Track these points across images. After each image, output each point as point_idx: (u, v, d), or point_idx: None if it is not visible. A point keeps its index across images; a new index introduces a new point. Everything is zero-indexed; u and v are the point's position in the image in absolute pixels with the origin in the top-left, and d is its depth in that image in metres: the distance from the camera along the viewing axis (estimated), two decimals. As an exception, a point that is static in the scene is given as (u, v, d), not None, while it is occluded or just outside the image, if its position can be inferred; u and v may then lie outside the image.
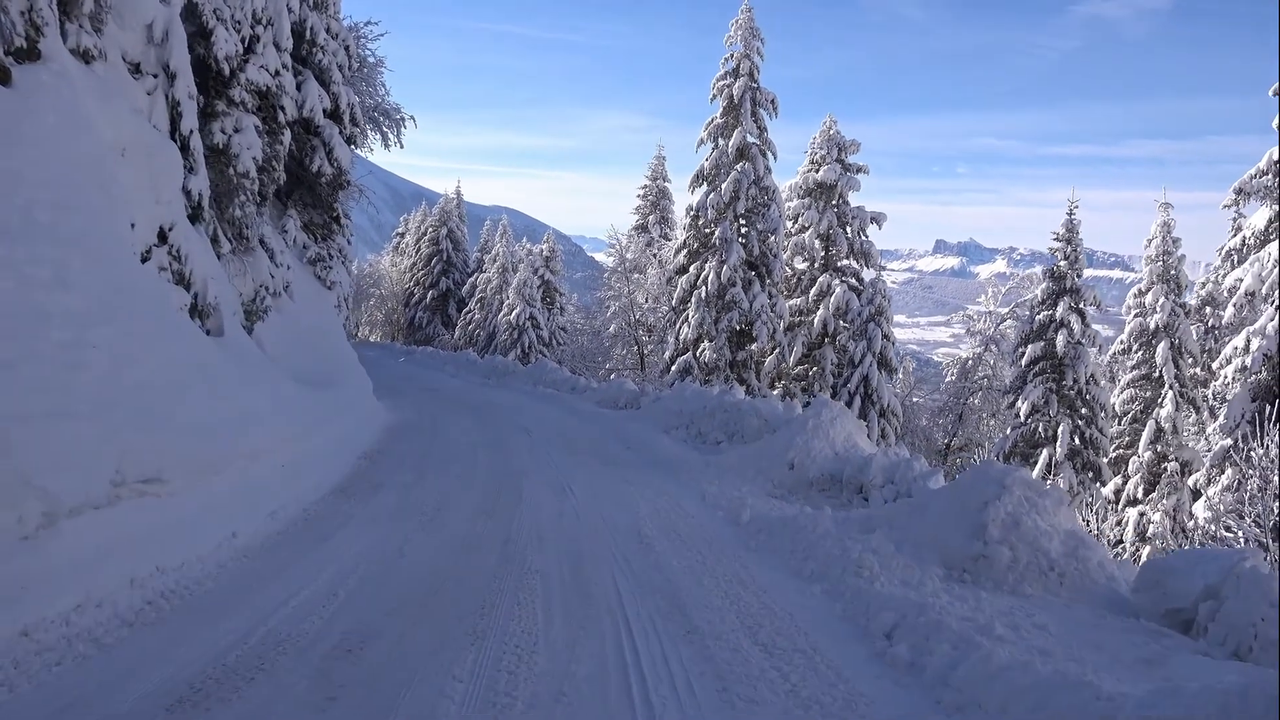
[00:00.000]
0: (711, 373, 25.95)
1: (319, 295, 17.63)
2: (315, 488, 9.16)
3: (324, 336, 16.69)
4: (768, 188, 26.18)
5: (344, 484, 9.80)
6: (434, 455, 12.22)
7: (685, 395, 15.45)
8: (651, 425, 15.30)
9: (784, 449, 10.17)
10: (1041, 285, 23.35)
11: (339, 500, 8.87)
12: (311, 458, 10.12)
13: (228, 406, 8.43)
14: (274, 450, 9.05)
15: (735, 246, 25.66)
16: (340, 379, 15.52)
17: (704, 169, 26.70)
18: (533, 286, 46.77)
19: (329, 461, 10.58)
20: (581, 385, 21.85)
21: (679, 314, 27.10)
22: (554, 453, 12.93)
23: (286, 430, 9.96)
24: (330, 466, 10.41)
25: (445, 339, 58.85)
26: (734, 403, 13.85)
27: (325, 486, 9.41)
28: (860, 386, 24.93)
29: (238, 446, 8.09)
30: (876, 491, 8.94)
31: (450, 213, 63.39)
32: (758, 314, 25.76)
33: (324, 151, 17.67)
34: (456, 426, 15.70)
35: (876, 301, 25.32)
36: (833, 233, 30.62)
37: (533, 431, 15.19)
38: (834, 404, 10.59)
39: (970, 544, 6.09)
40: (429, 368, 36.00)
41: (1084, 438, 22.11)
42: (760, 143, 26.55)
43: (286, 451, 9.31)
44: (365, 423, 14.43)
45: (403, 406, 18.80)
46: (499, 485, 10.05)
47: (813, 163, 31.45)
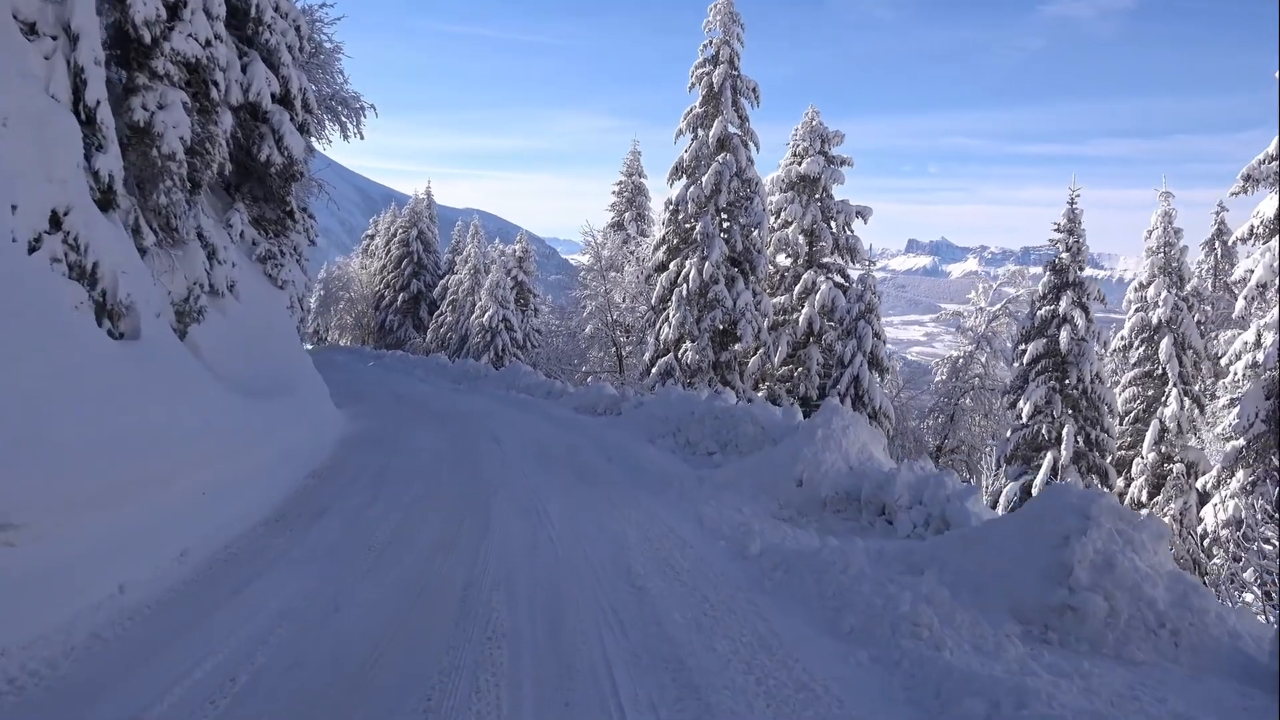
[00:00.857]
0: (694, 375, 24.66)
1: (270, 296, 16.17)
2: (245, 516, 7.77)
3: (274, 340, 15.24)
4: (750, 180, 24.93)
5: (282, 510, 8.41)
6: (392, 471, 10.85)
7: (671, 400, 14.15)
8: (635, 433, 13.98)
9: (790, 462, 8.88)
10: (1043, 279, 22.24)
11: (272, 532, 7.49)
12: (246, 479, 8.73)
13: (132, 422, 7.03)
14: (193, 472, 7.66)
15: (717, 242, 24.39)
16: (292, 386, 14.09)
17: (683, 161, 25.41)
18: (506, 288, 45.34)
19: (268, 482, 9.20)
20: (557, 390, 20.50)
21: (659, 313, 25.79)
22: (527, 466, 11.59)
23: (213, 447, 8.56)
24: (269, 488, 9.02)
25: (417, 342, 57.38)
26: (726, 408, 12.56)
27: (258, 514, 8.02)
28: (850, 387, 23.73)
29: (142, 470, 6.69)
30: (903, 514, 7.67)
31: (420, 213, 61.87)
32: (741, 312, 24.50)
33: (273, 140, 16.23)
34: (421, 436, 14.33)
35: (866, 298, 24.13)
36: (817, 228, 29.46)
37: (504, 441, 13.84)
38: (844, 410, 9.30)
39: (1050, 591, 4.83)
40: (398, 372, 34.56)
41: (1089, 439, 21.01)
42: (742, 133, 25.29)
43: (211, 473, 7.91)
44: (319, 434, 13.03)
45: (365, 414, 17.40)
46: (464, 508, 8.69)
47: (795, 155, 30.29)
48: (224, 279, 13.67)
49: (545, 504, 8.95)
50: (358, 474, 10.61)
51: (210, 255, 13.29)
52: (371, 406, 19.38)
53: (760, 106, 25.83)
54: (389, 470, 10.93)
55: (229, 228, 15.21)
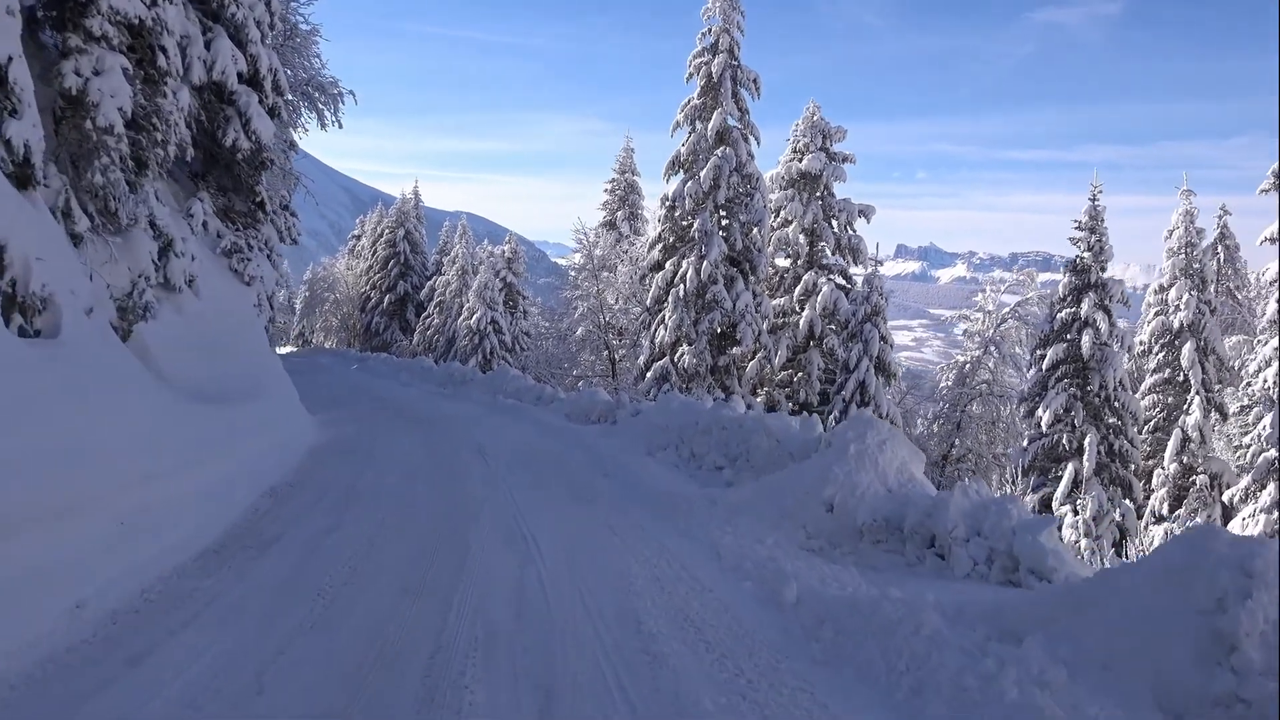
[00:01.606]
0: (691, 379, 23.44)
1: (235, 293, 14.88)
2: (177, 549, 6.50)
3: (240, 341, 13.95)
4: (751, 175, 23.74)
5: (225, 539, 7.14)
6: (362, 489, 9.59)
7: (671, 408, 12.92)
8: (632, 444, 12.74)
9: (818, 483, 7.65)
10: (1062, 280, 21.09)
11: (205, 570, 6.22)
12: (188, 501, 7.46)
13: (36, 438, 5.76)
14: (118, 497, 6.40)
15: (716, 240, 23.17)
16: (258, 391, 12.80)
17: (680, 155, 24.20)
18: (494, 289, 44.07)
19: (216, 503, 7.93)
20: (548, 395, 19.24)
21: (654, 315, 24.56)
22: (514, 483, 10.35)
23: (150, 465, 7.29)
24: (215, 511, 7.75)
25: (403, 345, 56.10)
26: (735, 418, 11.33)
27: (195, 545, 6.75)
28: (856, 394, 22.55)
29: (38, 500, 5.42)
30: (960, 548, 6.45)
31: (408, 213, 60.58)
32: (741, 314, 23.29)
33: (240, 123, 14.95)
34: (399, 446, 13.07)
35: (873, 300, 22.95)
36: (818, 227, 28.32)
37: (489, 453, 12.58)
38: (880, 423, 8.08)
39: (1208, 676, 3.62)
40: (381, 376, 33.26)
41: (1112, 450, 19.87)
42: (742, 126, 24.10)
43: (137, 497, 6.64)
44: (284, 445, 11.74)
45: (341, 421, 16.14)
46: (440, 537, 7.44)
47: (795, 151, 29.14)
48: (181, 273, 12.39)
49: (534, 531, 7.71)
50: (322, 492, 9.35)
51: (166, 247, 12.03)
52: (349, 412, 18.11)
53: (761, 98, 24.64)
54: (358, 488, 9.67)
55: (189, 218, 13.91)
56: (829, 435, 8.85)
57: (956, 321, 30.76)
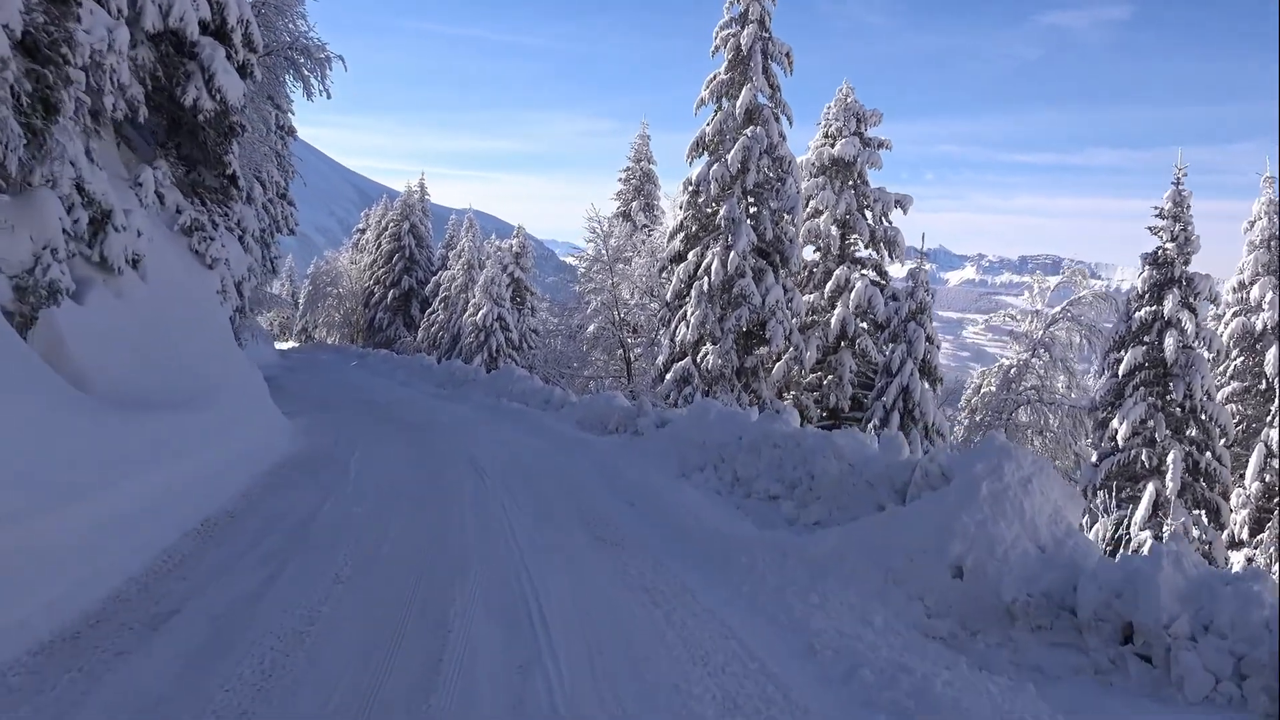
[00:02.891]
0: (715, 382, 21.24)
1: (194, 277, 12.77)
2: (9, 635, 4.37)
3: (194, 334, 11.83)
4: (782, 158, 21.52)
5: (99, 613, 5.00)
6: (321, 523, 7.44)
7: (709, 420, 10.72)
8: (660, 462, 10.56)
9: (938, 537, 5.48)
10: (1141, 274, 18.82)
11: (36, 679, 4.08)
12: (63, 550, 5.33)
13: None
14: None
15: (744, 228, 20.97)
16: (213, 392, 10.67)
17: (705, 135, 21.99)
18: (501, 284, 41.90)
19: (109, 551, 5.79)
20: (557, 399, 17.07)
21: (674, 311, 22.36)
22: (516, 514, 8.19)
23: (7, 502, 5.17)
24: (104, 564, 5.61)
25: (407, 342, 54.07)
26: (790, 434, 9.15)
27: (39, 630, 4.60)
28: (899, 400, 20.32)
29: None
30: (1186, 654, 4.26)
31: (413, 206, 58.52)
32: (771, 310, 21.09)
33: (202, 79, 12.84)
34: (381, 461, 10.93)
35: (918, 297, 20.70)
36: (851, 218, 26.13)
37: (488, 471, 10.43)
38: (1019, 450, 5.86)
39: None
40: (379, 374, 31.22)
41: (1196, 467, 17.61)
42: (773, 104, 21.87)
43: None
44: (239, 460, 9.58)
45: (322, 427, 14.00)
46: (408, 608, 5.29)
47: (826, 136, 26.93)
48: (122, 250, 10.31)
49: (542, 596, 5.56)
50: (269, 527, 7.21)
51: (102, 218, 9.96)
52: (334, 416, 15.98)
53: (793, 74, 22.42)
54: (317, 520, 7.52)
55: (138, 187, 11.79)
56: (936, 463, 6.66)
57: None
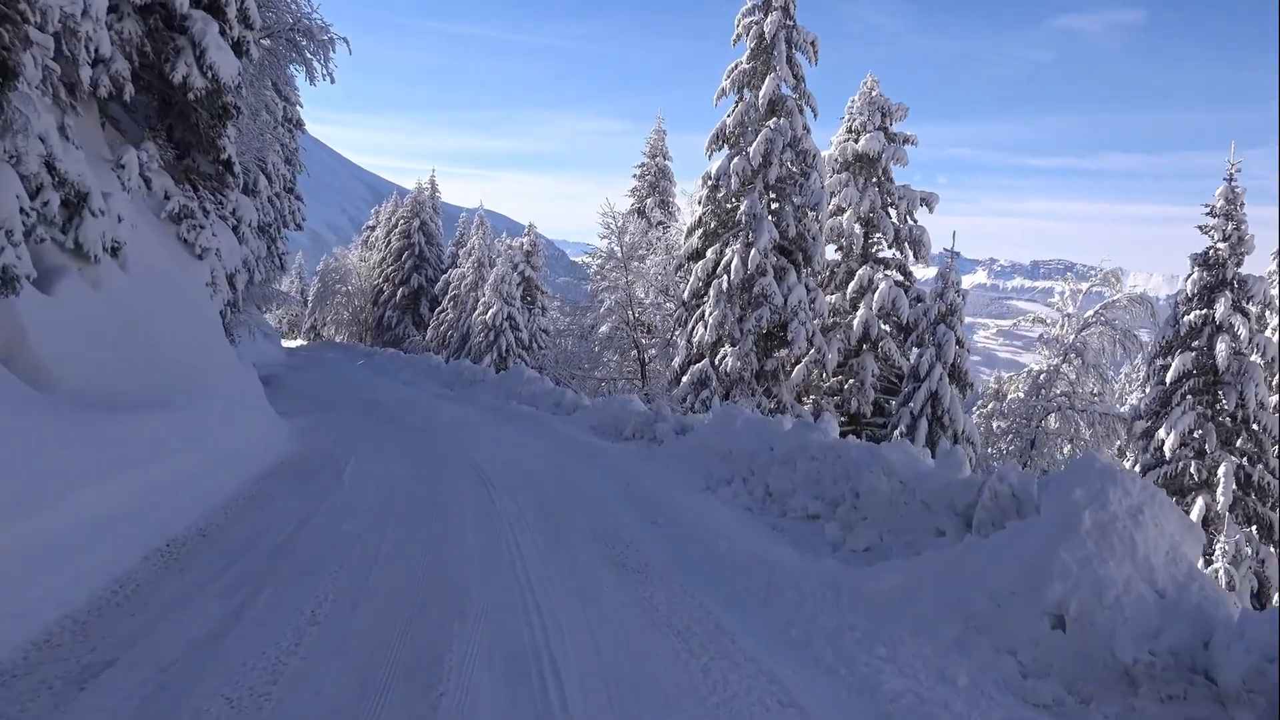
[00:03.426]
0: (734, 385, 20.32)
1: (182, 268, 11.90)
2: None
3: (179, 328, 10.95)
4: (806, 152, 20.58)
5: (16, 664, 4.11)
6: (304, 544, 6.57)
7: (735, 427, 9.80)
8: (683, 474, 9.66)
9: (1030, 577, 4.55)
10: (1190, 276, 17.81)
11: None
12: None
13: None
14: None
15: (766, 225, 20.04)
16: (195, 392, 9.81)
17: (725, 127, 21.07)
18: (511, 283, 41.03)
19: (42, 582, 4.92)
20: (569, 402, 16.16)
21: (692, 311, 21.44)
22: (524, 532, 7.30)
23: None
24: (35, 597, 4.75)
25: (416, 340, 53.29)
26: (830, 445, 8.22)
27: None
28: (927, 406, 19.35)
29: None
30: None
31: (424, 203, 57.72)
32: (794, 311, 20.15)
33: (192, 54, 11.98)
34: (379, 468, 10.06)
35: (949, 298, 19.74)
36: (875, 216, 25.20)
37: (494, 480, 9.54)
38: (1124, 473, 4.92)
39: None
40: (385, 373, 30.42)
41: (1248, 481, 16.58)
42: (797, 95, 20.94)
43: None
44: (222, 466, 8.72)
45: (320, 429, 13.16)
46: (394, 657, 4.40)
47: (850, 131, 26.01)
48: (99, 236, 9.47)
49: (554, 638, 4.66)
50: (243, 549, 6.33)
51: (78, 201, 9.14)
52: (334, 417, 15.13)
53: (818, 64, 21.49)
54: (299, 541, 6.64)
55: (120, 169, 10.94)
56: (1007, 484, 5.73)
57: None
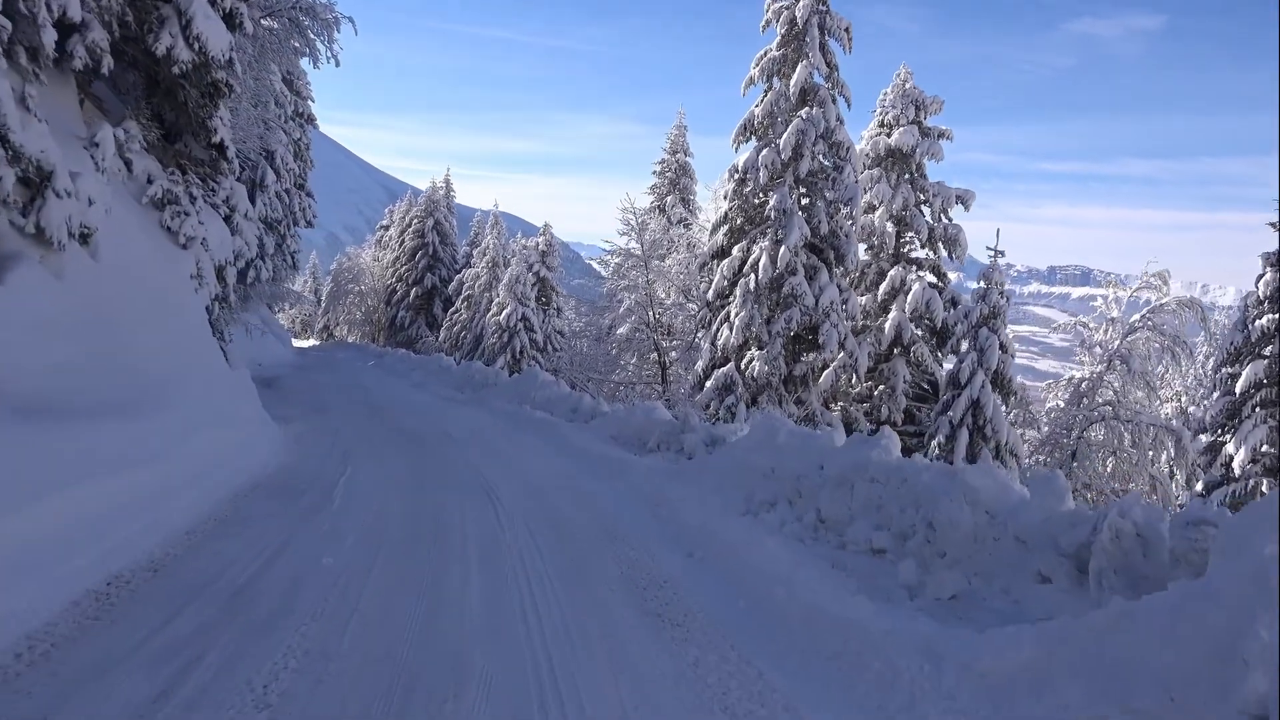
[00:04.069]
0: (761, 391, 19.12)
1: (162, 258, 10.79)
2: None
3: (156, 323, 9.83)
4: (839, 144, 19.37)
5: None
6: (271, 585, 5.43)
7: (778, 441, 8.61)
8: (719, 495, 8.47)
9: (1215, 663, 3.38)
10: (1262, 278, 16.53)
11: None
12: None
13: None
14: None
15: (796, 220, 18.83)
16: (165, 396, 8.68)
17: (753, 117, 19.87)
18: (526, 283, 39.91)
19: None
20: (586, 408, 14.99)
21: (716, 311, 20.25)
22: (538, 572, 6.14)
23: None
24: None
25: (429, 341, 52.30)
26: (894, 467, 7.02)
27: None
28: (968, 415, 18.11)
29: None
30: None
31: (438, 203, 56.73)
32: (825, 313, 18.93)
33: (178, 24, 10.89)
34: (375, 484, 8.92)
35: (992, 300, 18.47)
36: (908, 214, 23.93)
37: (503, 503, 8.37)
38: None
39: None
40: (395, 375, 29.34)
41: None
42: (830, 84, 19.74)
43: None
44: (193, 482, 7.59)
45: (315, 437, 12.05)
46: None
47: (882, 125, 24.75)
48: (64, 220, 8.40)
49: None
50: (199, 589, 5.20)
51: (40, 179, 8.08)
52: (334, 423, 14.02)
53: (852, 53, 20.29)
54: (268, 578, 5.52)
55: (94, 147, 9.84)
56: (1130, 521, 4.53)
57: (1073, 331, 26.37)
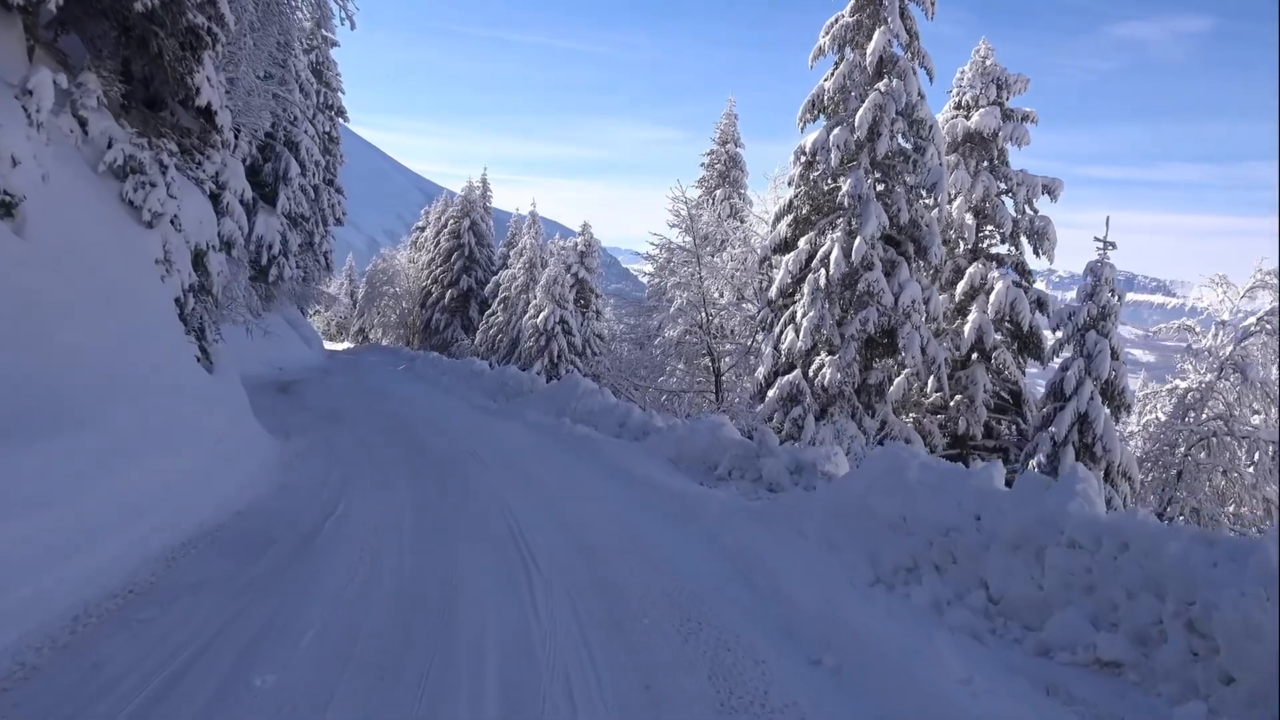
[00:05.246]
0: (832, 401, 16.80)
1: (120, 239, 8.74)
2: None
3: (101, 317, 7.77)
4: (921, 121, 17.01)
5: None
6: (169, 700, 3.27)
7: (905, 479, 6.34)
8: (829, 552, 6.21)
9: None
10: None
11: None
12: None
13: None
14: None
15: (873, 208, 16.51)
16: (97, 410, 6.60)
17: (823, 92, 17.56)
18: (564, 284, 37.89)
19: None
20: (636, 422, 12.75)
21: (779, 311, 17.96)
22: (587, 689, 3.95)
23: None
24: None
25: (464, 344, 50.53)
26: (1107, 525, 4.73)
27: None
28: (1073, 431, 15.67)
29: None
30: None
31: (474, 203, 55.01)
32: (905, 313, 16.58)
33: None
34: (366, 533, 6.76)
35: (1102, 298, 16.01)
36: (989, 205, 21.50)
37: (539, 561, 6.18)
38: None
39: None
40: (424, 379, 27.39)
41: None
42: (910, 55, 17.40)
43: None
44: (106, 534, 5.59)
45: (315, 457, 10.01)
46: None
47: (959, 107, 22.36)
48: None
49: None
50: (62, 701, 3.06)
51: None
52: (343, 438, 11.95)
53: (935, 19, 17.92)
54: (163, 707, 3.36)
55: (26, 96, 7.81)
56: None
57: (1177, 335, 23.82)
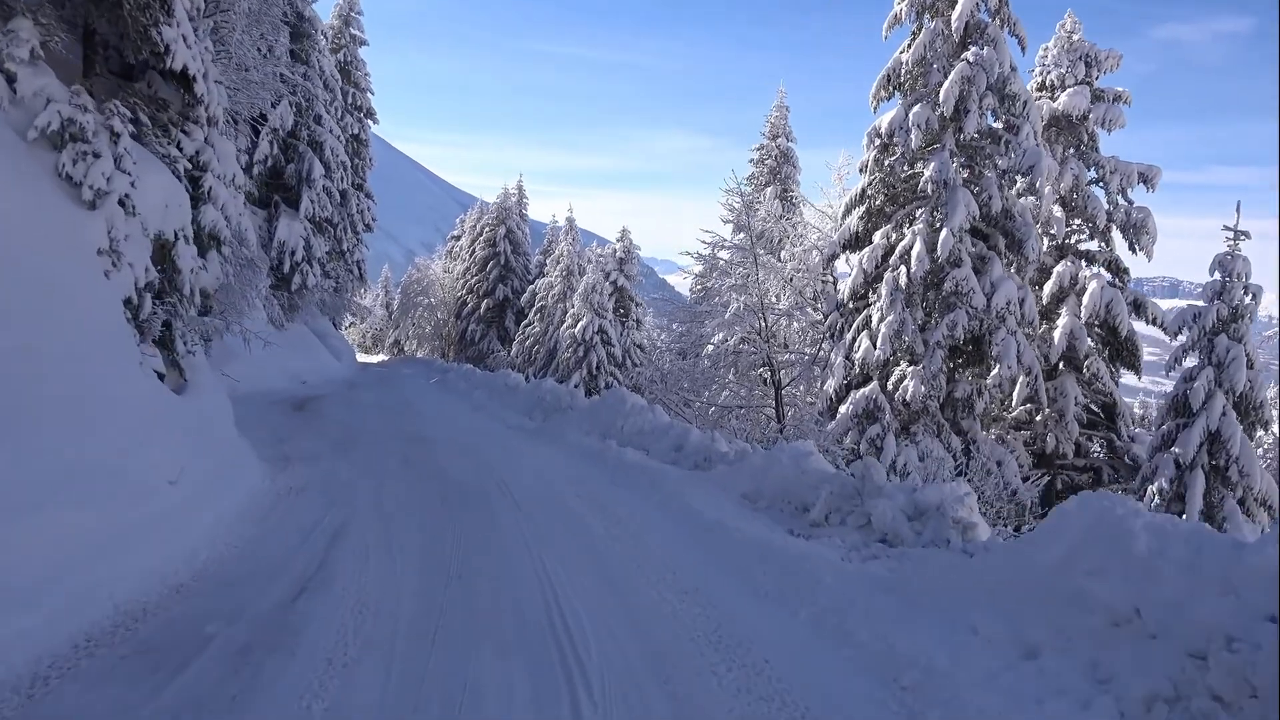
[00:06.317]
0: (915, 418, 14.64)
1: (52, 221, 6.87)
2: None
3: (12, 318, 5.89)
4: (1014, 96, 14.85)
5: None
6: None
7: (1130, 551, 4.28)
8: (1021, 662, 4.15)
9: None
10: None
11: None
12: None
13: None
14: None
15: (961, 195, 14.37)
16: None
17: (901, 65, 15.46)
18: (603, 293, 35.97)
19: None
20: (695, 446, 10.69)
21: (850, 316, 15.84)
22: None
23: None
24: None
25: (500, 356, 48.80)
26: None
27: None
28: (1202, 451, 13.39)
29: None
30: None
31: (510, 210, 53.35)
32: (1000, 316, 14.40)
33: None
34: (347, 623, 4.75)
35: (1234, 297, 13.74)
36: (1079, 195, 19.24)
37: (590, 675, 4.16)
38: None
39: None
40: (455, 393, 25.58)
41: None
42: (1000, 21, 15.26)
43: None
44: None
45: (316, 491, 8.09)
46: None
47: (1043, 87, 20.12)
48: None
49: None
50: None
51: None
52: (351, 466, 9.99)
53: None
54: None
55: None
56: None
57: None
